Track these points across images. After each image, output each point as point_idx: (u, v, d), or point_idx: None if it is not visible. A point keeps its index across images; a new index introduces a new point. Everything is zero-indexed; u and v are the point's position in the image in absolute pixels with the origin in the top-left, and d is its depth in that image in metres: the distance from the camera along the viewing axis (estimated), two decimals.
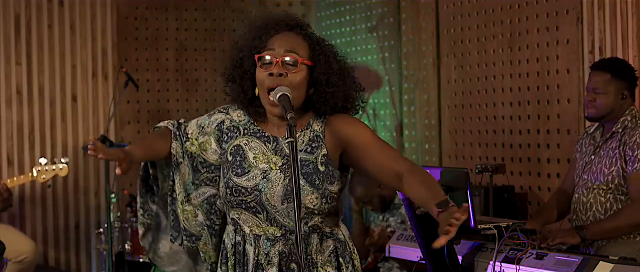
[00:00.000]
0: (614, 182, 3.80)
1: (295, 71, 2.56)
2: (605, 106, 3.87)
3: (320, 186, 2.57)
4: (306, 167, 2.58)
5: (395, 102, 6.44)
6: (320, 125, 2.64)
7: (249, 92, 2.63)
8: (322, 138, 2.61)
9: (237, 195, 2.58)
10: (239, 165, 2.61)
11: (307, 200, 2.55)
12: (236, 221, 2.63)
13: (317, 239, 2.61)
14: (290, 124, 2.39)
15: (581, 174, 3.98)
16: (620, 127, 3.85)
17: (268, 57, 2.57)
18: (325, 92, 2.60)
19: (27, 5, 6.45)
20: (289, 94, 2.51)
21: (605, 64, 3.96)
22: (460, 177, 3.31)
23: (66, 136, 6.59)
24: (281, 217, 2.58)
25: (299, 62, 2.57)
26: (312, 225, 2.61)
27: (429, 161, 6.07)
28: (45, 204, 6.53)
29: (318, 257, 2.61)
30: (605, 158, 3.86)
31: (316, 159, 2.60)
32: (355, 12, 6.87)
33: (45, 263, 6.50)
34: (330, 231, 2.64)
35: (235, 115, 2.69)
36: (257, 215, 2.59)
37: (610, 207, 3.82)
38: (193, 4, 7.09)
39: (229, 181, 2.60)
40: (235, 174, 2.60)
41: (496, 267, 3.29)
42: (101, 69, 6.71)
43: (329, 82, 2.61)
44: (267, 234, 2.59)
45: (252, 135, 2.65)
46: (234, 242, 2.63)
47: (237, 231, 2.63)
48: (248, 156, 2.61)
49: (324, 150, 2.61)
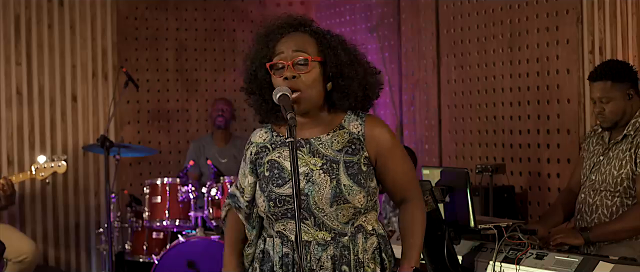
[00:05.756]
0: (622, 184, 3.76)
1: (307, 70, 2.57)
2: (615, 112, 3.83)
3: (365, 184, 2.60)
4: (351, 168, 2.59)
5: (395, 102, 6.45)
6: (357, 127, 2.65)
7: (269, 102, 2.62)
8: (362, 141, 2.63)
9: (281, 205, 2.58)
10: (278, 176, 2.61)
11: (356, 200, 2.58)
12: (282, 232, 2.63)
13: (363, 239, 2.63)
14: (290, 124, 2.40)
15: (589, 175, 3.93)
16: (632, 130, 3.81)
17: (279, 63, 2.58)
18: (341, 85, 2.61)
19: (27, 5, 6.45)
20: (288, 93, 2.52)
21: (603, 72, 3.89)
22: (460, 177, 3.31)
23: (66, 136, 6.59)
24: (330, 221, 2.59)
25: (309, 60, 2.57)
26: (358, 225, 2.62)
27: (429, 161, 6.07)
28: (45, 204, 6.53)
29: (363, 256, 2.62)
30: (614, 160, 3.81)
31: (359, 161, 2.61)
32: (355, 12, 6.87)
33: (45, 263, 6.50)
34: (372, 229, 2.66)
35: (258, 138, 2.70)
36: (304, 221, 2.58)
37: (616, 210, 3.77)
38: (193, 4, 7.09)
39: (270, 193, 2.60)
40: (276, 185, 2.60)
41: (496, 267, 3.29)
42: (101, 69, 6.71)
43: (343, 74, 2.62)
44: (317, 239, 2.59)
45: (282, 145, 2.65)
46: (281, 255, 2.62)
47: (284, 243, 2.62)
48: (285, 166, 2.61)
49: (366, 152, 2.63)
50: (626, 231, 3.69)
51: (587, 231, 3.71)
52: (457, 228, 3.30)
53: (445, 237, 3.21)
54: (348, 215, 2.58)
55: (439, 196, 3.23)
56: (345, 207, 2.57)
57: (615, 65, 3.93)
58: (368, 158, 2.63)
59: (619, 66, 3.93)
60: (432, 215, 3.16)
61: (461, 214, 3.30)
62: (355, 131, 2.65)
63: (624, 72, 3.89)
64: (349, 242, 2.59)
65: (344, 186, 2.56)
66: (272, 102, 2.60)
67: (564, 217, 4.05)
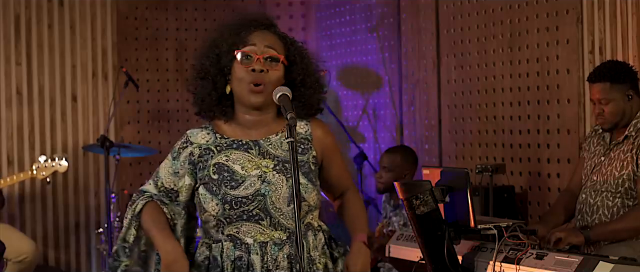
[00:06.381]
0: (624, 185, 3.75)
1: (276, 68, 2.58)
2: (615, 113, 3.82)
3: (316, 182, 2.64)
4: (303, 167, 2.61)
5: (395, 102, 6.45)
6: (304, 127, 2.67)
7: (220, 90, 2.62)
8: (310, 141, 2.66)
9: (237, 207, 2.56)
10: (230, 179, 2.57)
11: (310, 198, 2.60)
12: (234, 236, 2.60)
13: (312, 236, 2.66)
14: (291, 124, 2.40)
15: (590, 175, 3.92)
16: (633, 131, 3.80)
17: (250, 53, 2.57)
18: (302, 94, 2.63)
19: (27, 5, 6.45)
20: (288, 93, 2.52)
21: (601, 73, 3.88)
22: (460, 177, 3.30)
23: (66, 136, 6.59)
24: (285, 220, 2.59)
25: (281, 59, 2.59)
26: (307, 223, 2.65)
27: (429, 161, 6.07)
28: (45, 204, 6.53)
29: (314, 253, 2.65)
30: (616, 161, 3.80)
31: (309, 160, 2.64)
32: (355, 12, 6.87)
33: (45, 263, 6.50)
34: (318, 225, 2.70)
35: (200, 139, 2.66)
36: (260, 222, 2.58)
37: (617, 211, 3.76)
38: (193, 4, 7.09)
39: (225, 196, 2.56)
40: (230, 187, 2.57)
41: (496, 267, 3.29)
42: (101, 69, 6.71)
43: (305, 83, 2.64)
44: (273, 239, 2.59)
45: (228, 148, 2.62)
46: (233, 258, 2.59)
47: (236, 246, 2.59)
48: (235, 169, 2.59)
49: (314, 152, 2.66)
50: (627, 230, 3.69)
51: (587, 229, 3.71)
52: (457, 228, 3.30)
53: (445, 237, 3.20)
54: (302, 213, 2.59)
55: (439, 196, 3.23)
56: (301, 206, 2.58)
57: (614, 66, 3.92)
58: (315, 157, 2.67)
59: (617, 67, 3.91)
60: (432, 215, 3.16)
61: (461, 214, 3.30)
62: (302, 131, 2.67)
63: (623, 73, 3.88)
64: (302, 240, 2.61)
65: (301, 184, 2.57)
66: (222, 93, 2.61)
67: (565, 218, 4.04)
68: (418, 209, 3.33)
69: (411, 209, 3.37)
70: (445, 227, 3.22)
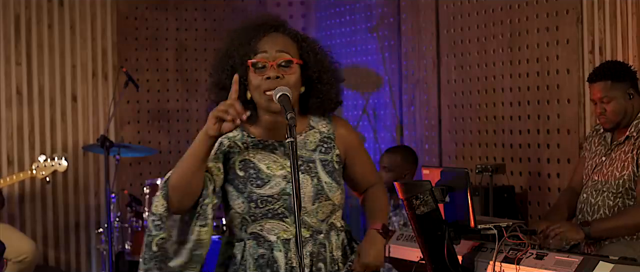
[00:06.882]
0: (624, 186, 3.75)
1: (291, 72, 2.57)
2: (616, 112, 3.81)
3: (340, 182, 2.66)
4: (327, 166, 2.64)
5: (395, 102, 6.45)
6: (326, 126, 2.69)
7: (241, 98, 2.59)
8: (332, 139, 2.68)
9: (263, 206, 2.58)
10: (256, 177, 2.59)
11: (335, 197, 2.63)
12: (258, 234, 2.61)
13: (335, 236, 2.68)
14: (290, 124, 2.39)
15: (591, 175, 3.92)
16: (634, 131, 3.80)
17: (262, 62, 2.56)
18: (319, 90, 2.63)
19: (27, 5, 6.45)
20: (288, 93, 2.52)
21: (601, 72, 3.88)
22: (460, 177, 3.30)
23: (66, 136, 6.59)
24: (309, 218, 2.61)
25: (294, 62, 2.58)
26: (331, 222, 2.67)
27: (429, 161, 6.07)
28: (45, 204, 6.53)
29: (337, 253, 2.67)
30: (617, 161, 3.80)
31: (332, 159, 2.66)
32: (355, 12, 6.87)
33: (45, 263, 6.50)
34: (340, 225, 2.71)
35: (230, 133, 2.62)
36: (284, 220, 2.59)
37: (618, 211, 3.78)
38: (193, 4, 7.09)
39: (251, 194, 2.57)
40: (256, 186, 2.58)
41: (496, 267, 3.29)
42: (101, 69, 6.71)
43: (321, 79, 2.63)
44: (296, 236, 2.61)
45: (254, 147, 2.64)
46: (256, 256, 2.61)
47: (259, 244, 2.61)
48: (261, 167, 2.60)
49: (337, 150, 2.68)
50: (627, 227, 3.69)
51: (588, 225, 3.70)
52: (457, 228, 3.30)
53: (445, 237, 3.20)
54: (326, 212, 2.63)
55: (439, 196, 3.23)
56: (325, 205, 2.61)
57: (613, 66, 3.93)
58: (339, 156, 2.69)
59: (617, 66, 3.93)
60: (432, 215, 3.16)
61: (461, 214, 3.29)
62: (324, 130, 2.68)
63: (623, 72, 3.89)
64: (324, 239, 2.64)
65: (325, 183, 2.61)
66: (243, 99, 2.58)
67: (568, 216, 4.04)
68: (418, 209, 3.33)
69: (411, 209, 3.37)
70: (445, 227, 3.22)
